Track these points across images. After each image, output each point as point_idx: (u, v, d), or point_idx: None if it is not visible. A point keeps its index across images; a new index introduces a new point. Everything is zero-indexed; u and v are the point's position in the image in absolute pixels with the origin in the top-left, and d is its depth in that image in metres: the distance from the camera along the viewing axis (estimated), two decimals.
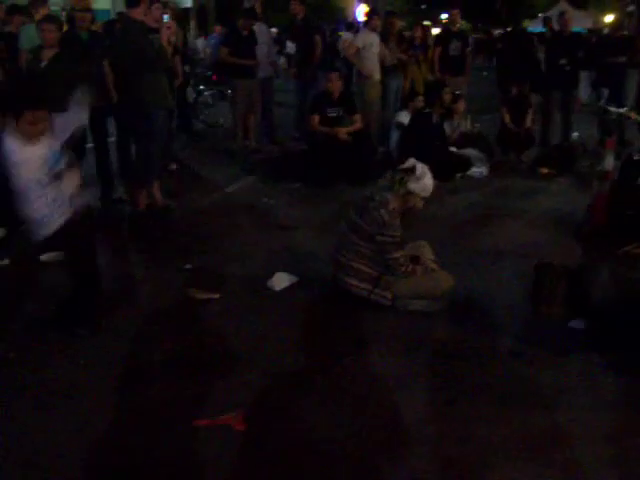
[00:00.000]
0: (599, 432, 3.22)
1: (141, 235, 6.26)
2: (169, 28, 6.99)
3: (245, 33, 9.52)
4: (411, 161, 4.53)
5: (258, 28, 9.88)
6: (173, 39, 7.68)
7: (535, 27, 26.24)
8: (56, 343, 4.14)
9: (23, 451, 3.13)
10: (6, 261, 5.53)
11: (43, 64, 5.89)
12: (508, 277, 5.10)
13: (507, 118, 9.24)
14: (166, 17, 8.23)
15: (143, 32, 6.08)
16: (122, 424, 3.37)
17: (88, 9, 7.22)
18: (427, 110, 8.52)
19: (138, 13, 6.04)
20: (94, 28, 7.55)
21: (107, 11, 24.77)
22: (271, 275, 5.04)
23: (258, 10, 9.89)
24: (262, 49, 9.89)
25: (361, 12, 35.64)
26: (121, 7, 6.44)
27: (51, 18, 6.08)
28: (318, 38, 10.52)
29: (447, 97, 8.70)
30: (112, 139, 8.42)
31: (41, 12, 7.23)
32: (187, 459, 3.08)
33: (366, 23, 10.45)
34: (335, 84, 8.34)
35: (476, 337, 4.18)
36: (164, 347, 4.13)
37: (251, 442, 3.19)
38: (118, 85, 6.58)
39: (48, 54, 5.90)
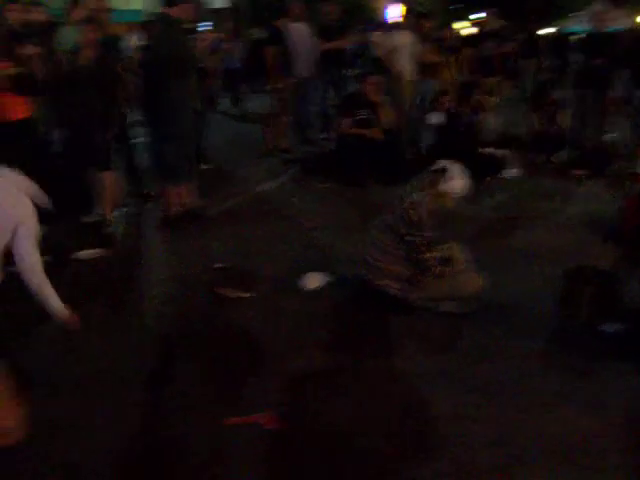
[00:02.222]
0: (630, 438, 3.20)
1: (172, 234, 6.33)
2: (204, 40, 7.05)
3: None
4: (442, 162, 4.53)
5: (301, 28, 9.91)
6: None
7: (571, 27, 25.89)
8: (92, 337, 4.21)
9: (52, 443, 3.19)
10: (46, 257, 5.61)
11: (82, 64, 5.96)
12: (538, 279, 5.07)
13: (537, 121, 9.16)
14: (208, 24, 8.33)
15: (182, 31, 6.14)
16: (153, 421, 3.43)
17: (109, 9, 7.34)
18: (456, 110, 8.48)
19: (176, 12, 6.09)
20: None
21: (139, 11, 25.01)
22: (301, 275, 5.07)
23: (300, 11, 9.89)
24: (304, 48, 9.94)
25: (391, 12, 35.66)
26: (153, 7, 6.48)
27: (91, 19, 6.15)
28: (347, 39, 10.55)
29: (476, 98, 8.65)
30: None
31: (76, 14, 7.33)
32: (217, 457, 3.12)
33: (397, 23, 10.44)
34: (371, 88, 8.33)
35: (506, 339, 4.16)
36: (195, 345, 4.18)
37: (281, 441, 3.21)
38: (150, 86, 6.67)
39: (87, 54, 5.97)
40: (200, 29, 9.32)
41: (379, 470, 3.01)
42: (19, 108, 6.02)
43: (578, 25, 22.17)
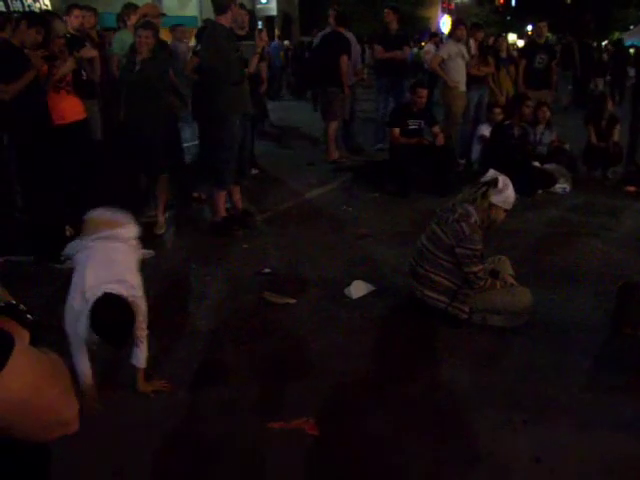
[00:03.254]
0: None
1: (220, 237, 6.38)
2: (262, 40, 7.14)
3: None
4: (491, 172, 4.49)
5: (352, 35, 9.95)
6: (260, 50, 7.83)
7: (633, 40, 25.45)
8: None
9: (101, 437, 3.22)
10: None
11: (137, 68, 6.05)
12: (589, 296, 4.98)
13: (593, 135, 8.99)
14: (260, 23, 8.41)
15: (230, 38, 6.19)
16: (197, 422, 3.45)
17: (161, 15, 7.46)
18: (507, 123, 8.41)
19: (225, 19, 6.15)
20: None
21: (194, 17, 25.42)
22: (348, 283, 5.07)
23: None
24: (355, 56, 9.95)
25: (445, 23, 35.55)
26: (208, 14, 6.58)
27: (147, 24, 6.25)
28: (407, 50, 10.53)
29: (527, 111, 8.54)
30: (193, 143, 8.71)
31: (133, 19, 7.49)
32: (260, 460, 3.13)
33: (451, 33, 10.39)
34: (423, 100, 8.29)
35: (554, 356, 4.09)
36: (240, 349, 4.21)
37: (320, 448, 3.22)
38: (200, 91, 6.76)
39: (142, 59, 6.06)
40: None
41: None
42: (75, 110, 6.16)
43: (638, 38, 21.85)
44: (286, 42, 21.46)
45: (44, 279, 5.25)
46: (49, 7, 17.15)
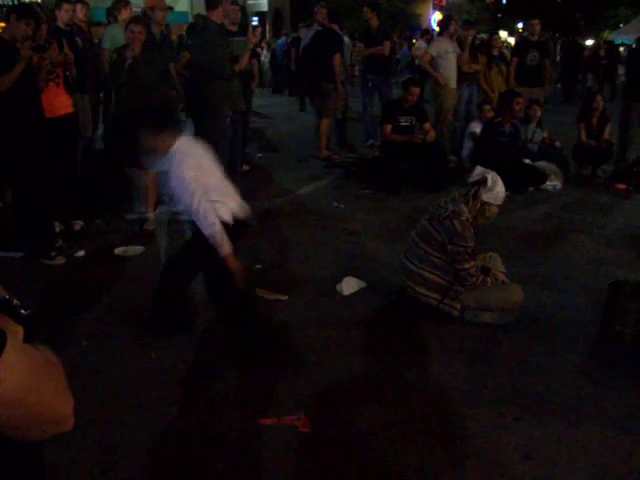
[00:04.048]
0: None
1: None
2: (255, 36, 7.12)
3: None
4: (479, 170, 4.48)
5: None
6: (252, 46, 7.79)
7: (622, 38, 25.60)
8: (128, 334, 4.26)
9: (92, 434, 3.22)
10: (82, 252, 5.70)
11: (128, 63, 6.02)
12: (579, 293, 5.00)
13: (583, 133, 9.01)
14: (255, 19, 8.39)
15: (221, 34, 6.16)
16: (188, 417, 3.43)
17: (169, 7, 7.41)
18: (498, 120, 8.43)
19: (217, 15, 6.12)
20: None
21: (185, 13, 25.29)
22: (339, 279, 5.06)
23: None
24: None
25: (436, 20, 35.59)
26: (199, 9, 6.56)
27: (139, 19, 6.21)
28: (388, 44, 10.52)
29: (517, 107, 8.55)
30: None
31: (124, 14, 7.44)
32: (251, 456, 3.12)
33: (441, 31, 10.38)
34: (415, 98, 8.28)
35: (545, 353, 4.10)
36: (232, 345, 4.20)
37: (314, 444, 3.21)
38: (191, 87, 6.73)
39: (134, 54, 6.02)
40: None
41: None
42: (63, 104, 6.11)
43: (629, 36, 21.99)
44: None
45: (34, 275, 5.22)
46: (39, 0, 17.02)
